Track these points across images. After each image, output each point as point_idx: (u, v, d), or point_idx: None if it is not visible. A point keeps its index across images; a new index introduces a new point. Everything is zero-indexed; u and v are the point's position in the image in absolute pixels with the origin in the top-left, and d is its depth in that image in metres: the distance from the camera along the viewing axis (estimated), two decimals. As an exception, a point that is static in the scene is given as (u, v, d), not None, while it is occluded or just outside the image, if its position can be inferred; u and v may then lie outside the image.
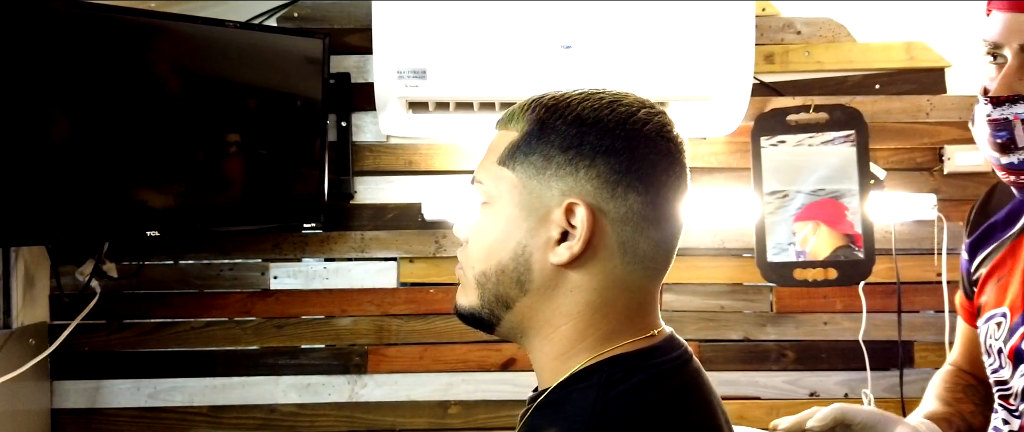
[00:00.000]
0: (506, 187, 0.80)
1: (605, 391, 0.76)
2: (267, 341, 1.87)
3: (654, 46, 1.64)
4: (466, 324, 0.86)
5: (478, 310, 0.83)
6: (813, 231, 1.80)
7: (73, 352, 1.81)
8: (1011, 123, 0.88)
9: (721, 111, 1.73)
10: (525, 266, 0.79)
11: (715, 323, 1.89)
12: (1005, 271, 1.03)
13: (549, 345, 0.81)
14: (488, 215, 0.81)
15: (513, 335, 0.84)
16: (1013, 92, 0.87)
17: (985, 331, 1.06)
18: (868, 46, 1.88)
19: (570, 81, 1.63)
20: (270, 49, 1.69)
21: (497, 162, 0.81)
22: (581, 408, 0.75)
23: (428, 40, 1.63)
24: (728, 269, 1.89)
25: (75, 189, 1.49)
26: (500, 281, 0.80)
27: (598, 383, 0.77)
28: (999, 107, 0.88)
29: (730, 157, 1.88)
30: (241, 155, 1.67)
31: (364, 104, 1.82)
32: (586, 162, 0.77)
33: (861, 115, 1.81)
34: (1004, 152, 0.91)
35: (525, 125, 0.80)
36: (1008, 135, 0.89)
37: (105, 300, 1.80)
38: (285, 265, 1.87)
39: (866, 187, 1.79)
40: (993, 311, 1.03)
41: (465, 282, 0.84)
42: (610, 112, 0.78)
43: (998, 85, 0.88)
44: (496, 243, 0.80)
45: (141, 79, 1.53)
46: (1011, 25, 0.87)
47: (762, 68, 1.84)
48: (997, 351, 1.02)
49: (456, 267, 0.88)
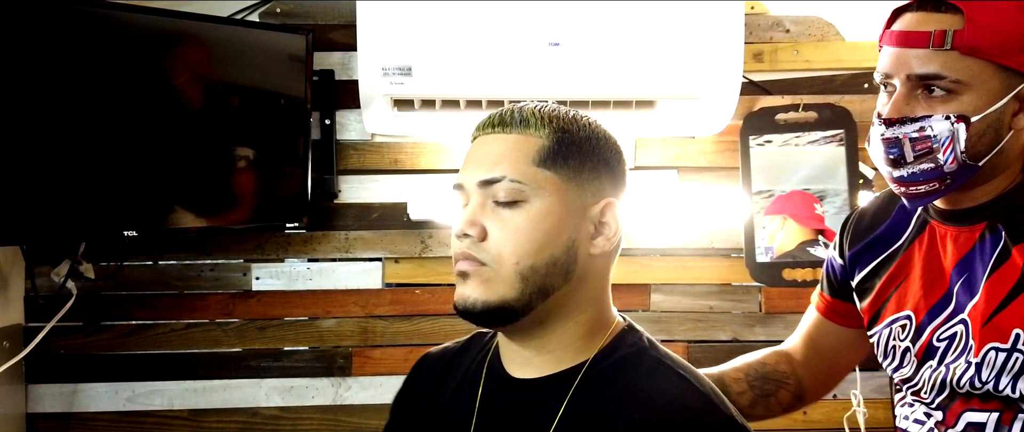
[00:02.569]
0: (551, 187, 0.90)
1: (654, 350, 0.95)
2: (249, 343, 1.83)
3: (643, 44, 1.63)
4: (478, 319, 0.90)
5: (513, 302, 0.89)
6: (780, 225, 1.80)
7: (49, 355, 1.77)
8: (900, 141, 1.02)
9: (710, 110, 1.72)
10: (573, 258, 0.91)
11: (704, 323, 1.88)
12: (902, 278, 1.16)
13: (576, 327, 0.94)
14: (533, 212, 0.89)
15: (535, 324, 0.92)
16: (902, 115, 1.02)
17: (887, 334, 1.17)
18: (857, 45, 1.87)
19: (558, 79, 1.64)
20: (252, 45, 1.66)
21: (534, 164, 0.90)
22: (658, 362, 0.93)
23: (414, 36, 1.60)
24: (717, 269, 1.87)
25: (49, 188, 1.46)
26: (549, 273, 0.89)
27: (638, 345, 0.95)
28: (891, 128, 1.03)
29: (719, 156, 1.86)
30: (222, 153, 1.64)
31: (348, 102, 1.79)
32: (604, 168, 0.94)
33: (850, 114, 1.80)
34: (896, 166, 1.05)
35: (551, 132, 0.91)
36: (899, 151, 1.03)
37: (82, 302, 1.76)
38: (268, 266, 1.83)
39: (855, 187, 1.78)
40: (895, 315, 1.16)
41: (494, 277, 0.89)
42: (601, 128, 0.96)
43: (890, 109, 1.03)
44: (548, 238, 0.89)
45: (117, 75, 1.50)
46: (898, 58, 1.03)
47: (751, 67, 1.83)
48: (902, 351, 1.15)
49: (463, 263, 0.90)
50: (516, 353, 0.96)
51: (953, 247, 1.10)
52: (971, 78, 1.00)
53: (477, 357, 1.03)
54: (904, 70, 1.02)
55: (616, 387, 0.91)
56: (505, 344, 0.98)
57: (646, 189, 1.85)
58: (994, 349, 1.04)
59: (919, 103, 1.02)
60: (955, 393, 1.09)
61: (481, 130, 0.95)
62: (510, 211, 0.89)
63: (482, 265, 0.89)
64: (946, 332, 1.10)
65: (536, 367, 0.94)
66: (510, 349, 0.97)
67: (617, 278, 1.82)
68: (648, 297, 1.87)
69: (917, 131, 1.01)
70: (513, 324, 0.91)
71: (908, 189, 1.06)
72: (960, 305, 1.09)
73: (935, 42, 1.00)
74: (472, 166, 0.93)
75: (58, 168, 1.46)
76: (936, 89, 1.01)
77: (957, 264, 1.09)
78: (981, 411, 1.07)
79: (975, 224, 1.08)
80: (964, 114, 1.00)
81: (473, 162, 0.93)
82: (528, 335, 0.93)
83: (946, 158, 1.01)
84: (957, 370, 1.08)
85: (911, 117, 1.02)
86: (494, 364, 0.99)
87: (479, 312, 0.89)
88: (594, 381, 0.92)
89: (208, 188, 1.64)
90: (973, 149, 1.01)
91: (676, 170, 1.86)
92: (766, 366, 1.30)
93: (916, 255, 1.15)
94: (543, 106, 0.94)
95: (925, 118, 1.01)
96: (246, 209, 1.69)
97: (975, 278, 1.07)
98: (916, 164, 1.03)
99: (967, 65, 0.99)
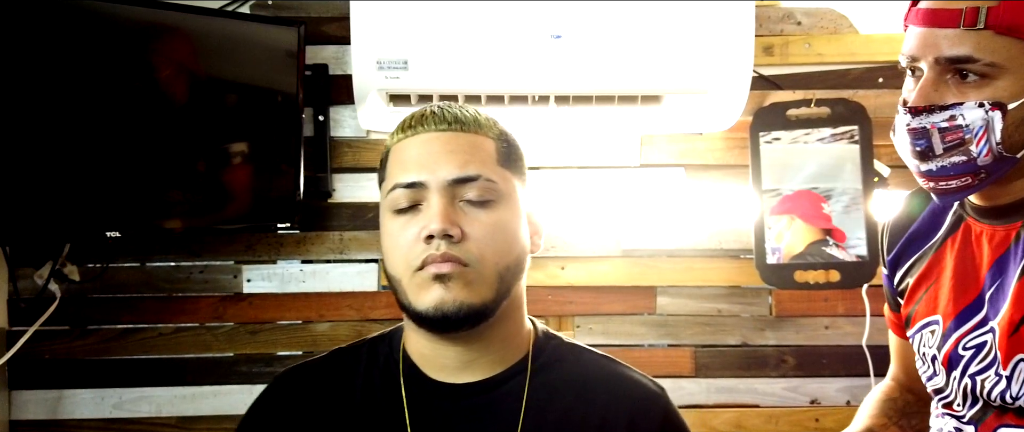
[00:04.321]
0: (512, 187, 0.93)
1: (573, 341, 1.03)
2: (240, 348, 1.77)
3: (649, 37, 1.57)
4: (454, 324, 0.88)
5: (490, 303, 0.89)
6: (788, 225, 1.73)
7: (32, 359, 1.71)
8: (928, 132, 0.94)
9: (719, 105, 1.66)
10: (524, 258, 0.94)
11: (712, 327, 1.81)
12: (933, 279, 1.08)
13: (514, 326, 0.96)
14: (502, 212, 0.91)
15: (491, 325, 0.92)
16: (929, 103, 0.93)
17: (919, 340, 1.10)
18: (871, 37, 1.80)
19: (560, 73, 1.57)
20: (242, 39, 1.61)
21: (498, 164, 0.92)
22: (585, 351, 1.02)
23: (410, 29, 1.55)
24: (725, 271, 1.81)
25: (31, 187, 1.41)
26: (515, 272, 0.92)
27: (560, 339, 1.02)
28: (917, 117, 0.94)
29: (728, 153, 1.80)
30: (210, 151, 1.58)
31: (342, 97, 1.73)
32: (525, 171, 0.98)
33: (864, 110, 1.73)
34: (923, 159, 0.96)
35: (498, 133, 0.94)
36: (926, 143, 0.95)
37: (67, 305, 1.70)
38: (259, 267, 1.77)
39: (870, 185, 1.71)
40: (926, 319, 1.08)
41: (476, 278, 0.88)
42: None
43: (916, 96, 0.94)
44: (515, 237, 0.92)
45: (100, 69, 1.44)
46: (926, 40, 0.93)
47: (761, 61, 1.76)
48: (931, 358, 1.07)
49: (444, 265, 0.87)
50: (453, 358, 0.93)
51: (989, 247, 1.02)
52: (1007, 60, 0.90)
53: (373, 373, 0.97)
54: (932, 52, 0.93)
55: (564, 377, 0.96)
56: (437, 350, 0.94)
57: (652, 188, 1.79)
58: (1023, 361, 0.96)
59: (949, 89, 0.93)
60: (988, 406, 1.01)
61: (427, 127, 0.91)
62: (484, 211, 0.89)
63: (465, 266, 0.87)
64: (973, 341, 1.02)
65: (480, 369, 0.94)
66: (445, 355, 0.93)
67: (621, 280, 1.81)
68: (654, 300, 1.81)
69: (947, 120, 0.93)
70: (478, 326, 0.90)
71: (937, 184, 0.98)
72: (991, 312, 1.00)
73: (967, 21, 0.90)
74: (433, 164, 0.89)
75: (40, 167, 1.41)
76: (968, 73, 0.92)
77: (992, 266, 1.01)
78: (1017, 427, 0.99)
79: (1012, 222, 1.00)
80: (999, 101, 0.91)
81: (433, 160, 0.89)
82: (478, 338, 0.92)
83: (980, 150, 0.93)
84: (986, 383, 1.00)
85: (940, 105, 0.93)
86: (412, 375, 0.95)
87: (461, 316, 0.87)
88: (540, 375, 0.95)
89: (196, 187, 1.58)
90: (1010, 139, 0.92)
91: (683, 168, 1.80)
92: (896, 403, 1.23)
93: (948, 254, 1.07)
94: (478, 108, 0.96)
95: (956, 106, 0.92)
96: (236, 209, 1.64)
97: (1007, 282, 0.99)
98: (946, 157, 0.95)
99: (1003, 46, 0.90)
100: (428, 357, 0.95)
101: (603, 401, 0.96)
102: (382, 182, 0.96)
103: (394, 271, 0.91)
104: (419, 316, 0.89)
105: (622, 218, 1.80)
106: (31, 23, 1.36)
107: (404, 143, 0.93)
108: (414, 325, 0.93)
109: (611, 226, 1.80)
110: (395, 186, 0.90)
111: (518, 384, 0.94)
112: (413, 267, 0.88)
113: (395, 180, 0.91)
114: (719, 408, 1.80)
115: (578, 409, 0.95)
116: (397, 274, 0.91)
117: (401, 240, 0.89)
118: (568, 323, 1.81)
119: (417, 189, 0.90)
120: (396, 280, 0.91)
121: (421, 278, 0.88)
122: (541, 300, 1.79)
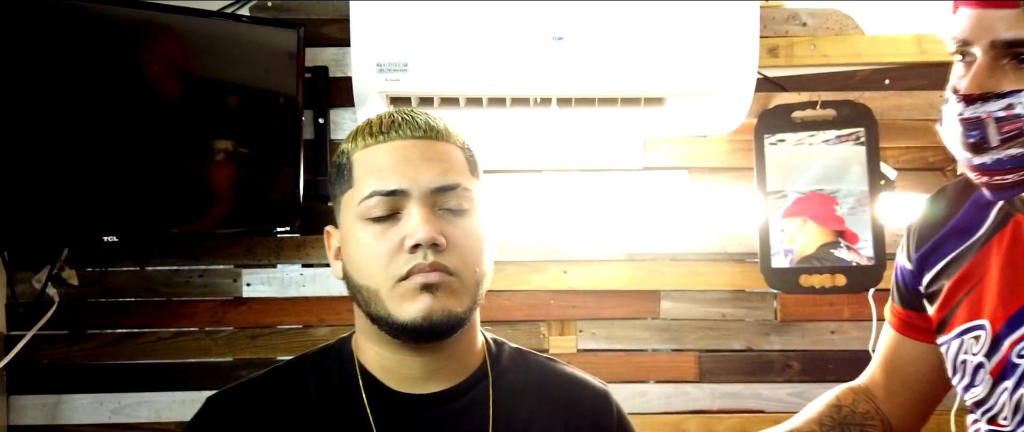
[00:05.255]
0: (479, 195, 0.92)
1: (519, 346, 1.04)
2: (240, 353, 1.75)
3: (652, 38, 1.54)
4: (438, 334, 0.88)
5: (469, 312, 0.90)
6: (800, 228, 1.71)
7: (30, 364, 1.70)
8: (983, 122, 0.87)
9: (723, 107, 1.63)
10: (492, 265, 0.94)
11: (716, 332, 1.79)
12: (975, 281, 1.01)
13: (475, 332, 0.97)
14: (475, 221, 0.90)
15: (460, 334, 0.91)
16: (984, 90, 0.87)
17: (957, 346, 1.02)
18: (877, 39, 1.78)
19: (562, 75, 1.55)
20: (241, 41, 1.59)
21: (469, 173, 0.92)
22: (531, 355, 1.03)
23: (410, 31, 1.53)
24: (730, 275, 1.79)
25: (28, 190, 1.39)
26: (485, 281, 0.92)
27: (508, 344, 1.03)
28: (971, 106, 0.87)
29: (732, 156, 1.78)
30: (209, 154, 1.57)
31: (342, 99, 1.71)
32: None
33: (870, 112, 1.71)
34: (977, 152, 0.89)
35: (462, 143, 0.94)
36: (981, 134, 0.88)
37: (66, 309, 1.69)
38: (259, 271, 1.76)
39: (876, 188, 1.69)
40: (968, 324, 1.01)
41: (460, 287, 0.88)
42: None
43: (969, 83, 0.88)
44: (485, 246, 0.92)
45: (99, 72, 1.43)
46: (980, 21, 0.87)
47: (765, 62, 1.74)
48: (974, 367, 1.00)
49: (433, 275, 0.86)
50: (419, 369, 0.92)
51: None
52: None
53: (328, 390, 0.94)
54: (988, 35, 0.86)
55: (523, 382, 0.97)
56: (403, 361, 0.91)
57: (655, 191, 1.77)
58: None
59: (1006, 75, 0.86)
60: None
61: (400, 134, 0.89)
62: (461, 220, 0.89)
63: (450, 275, 0.87)
64: None
65: (444, 379, 0.93)
66: (410, 366, 0.91)
67: (625, 284, 1.78)
68: (657, 304, 1.79)
69: (1004, 109, 0.85)
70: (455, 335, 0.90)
71: (992, 178, 0.90)
72: None
73: None
74: (413, 172, 0.87)
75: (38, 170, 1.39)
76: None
77: None
78: None
79: None
80: None
81: (412, 168, 0.87)
82: (445, 346, 0.91)
83: None
84: None
85: (996, 92, 0.86)
86: (373, 388, 0.92)
87: (448, 325, 0.87)
88: (500, 381, 0.96)
89: (194, 190, 1.56)
90: None
91: (687, 171, 1.78)
92: (842, 410, 1.16)
93: (994, 254, 0.99)
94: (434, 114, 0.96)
95: (1014, 93, 0.85)
96: (236, 212, 1.62)
97: None
98: (1003, 149, 0.87)
99: None
100: (391, 369, 0.93)
101: (564, 403, 0.98)
102: (343, 189, 0.92)
103: (368, 282, 0.88)
104: (401, 327, 0.86)
105: (625, 222, 1.78)
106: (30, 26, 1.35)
107: (374, 149, 0.90)
108: (387, 336, 0.90)
109: (614, 230, 1.78)
110: (372, 193, 0.87)
111: (482, 391, 0.94)
112: (396, 277, 0.86)
113: (371, 187, 0.88)
114: (723, 414, 1.78)
115: (543, 412, 0.96)
116: (372, 285, 0.88)
117: (378, 249, 0.87)
118: (571, 328, 1.79)
119: (397, 197, 0.87)
120: (370, 291, 0.88)
121: (405, 288, 0.86)
122: (543, 305, 1.78)
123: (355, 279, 0.90)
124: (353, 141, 0.92)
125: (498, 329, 1.78)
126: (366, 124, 0.92)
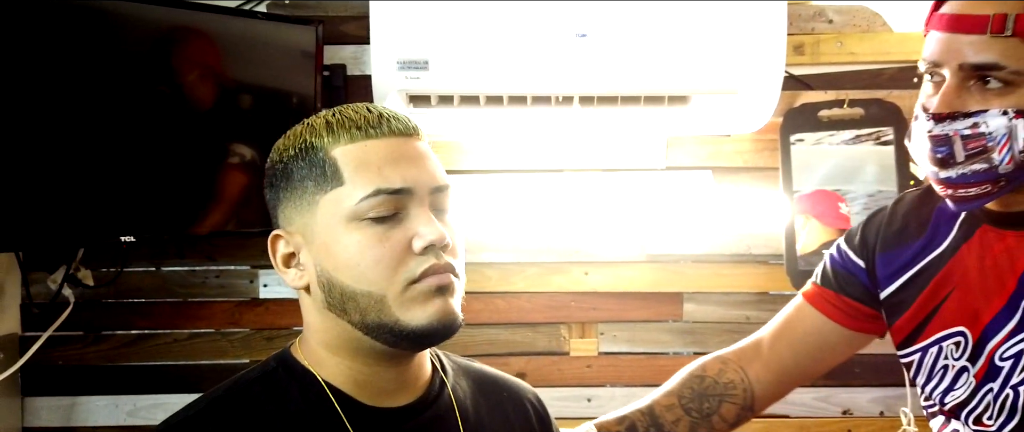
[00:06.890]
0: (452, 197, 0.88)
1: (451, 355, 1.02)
2: (257, 354, 1.73)
3: (677, 35, 1.52)
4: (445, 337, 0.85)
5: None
6: (803, 225, 1.69)
7: (46, 366, 1.69)
8: (950, 139, 0.94)
9: (748, 106, 1.60)
10: None
11: (740, 335, 1.72)
12: (950, 289, 1.06)
13: None
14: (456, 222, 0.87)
15: None
16: (952, 110, 0.93)
17: (935, 353, 1.07)
18: (905, 36, 1.74)
19: (585, 73, 1.52)
20: (258, 39, 1.57)
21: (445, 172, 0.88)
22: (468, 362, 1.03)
23: (430, 28, 1.51)
24: (754, 277, 1.75)
25: (44, 191, 1.37)
26: None
27: (444, 353, 1.00)
28: (940, 124, 0.94)
29: (757, 156, 1.74)
30: (225, 153, 1.55)
31: (360, 98, 1.69)
32: None
33: (899, 111, 1.68)
34: (943, 166, 0.96)
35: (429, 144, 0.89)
36: (948, 150, 0.95)
37: (81, 310, 1.68)
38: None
39: (905, 188, 1.65)
40: (947, 331, 1.06)
41: (461, 288, 0.86)
42: None
43: (938, 103, 0.94)
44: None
45: (116, 70, 1.41)
46: (949, 45, 0.93)
47: (791, 60, 1.70)
48: (957, 371, 1.05)
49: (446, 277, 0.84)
50: (392, 381, 0.87)
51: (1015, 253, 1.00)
52: None
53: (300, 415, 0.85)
54: (956, 59, 0.93)
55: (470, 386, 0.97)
56: (378, 374, 0.86)
57: (678, 191, 1.74)
58: None
59: (972, 96, 0.93)
60: None
61: (387, 132, 0.83)
62: (450, 220, 0.86)
63: (456, 277, 0.85)
64: (1011, 349, 0.99)
65: (410, 390, 0.90)
66: (384, 379, 0.86)
67: (647, 286, 1.75)
68: (680, 306, 1.76)
69: (970, 128, 0.93)
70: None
71: (956, 191, 0.98)
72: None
73: (994, 27, 0.90)
74: (414, 170, 0.83)
75: (54, 170, 1.37)
76: (992, 80, 0.92)
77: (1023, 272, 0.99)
78: None
79: None
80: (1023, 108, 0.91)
81: (412, 166, 0.83)
82: (416, 357, 0.90)
83: (1002, 158, 0.93)
84: None
85: (963, 112, 0.93)
86: (347, 406, 0.85)
87: (454, 329, 0.84)
88: (455, 387, 0.95)
89: (211, 190, 1.54)
90: None
91: (711, 170, 1.75)
92: (705, 380, 1.22)
93: (966, 262, 1.05)
94: None
95: (979, 113, 0.92)
96: (253, 212, 1.60)
97: None
98: (967, 164, 0.94)
99: None
100: (363, 383, 0.86)
101: (508, 401, 1.00)
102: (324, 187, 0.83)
103: (371, 287, 0.81)
104: (409, 333, 0.81)
105: (647, 222, 1.75)
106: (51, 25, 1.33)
107: (366, 146, 0.83)
108: (373, 347, 0.84)
109: (636, 230, 1.75)
110: (377, 191, 0.81)
111: (445, 399, 0.92)
112: (407, 280, 0.81)
113: (374, 186, 0.81)
114: (748, 418, 1.75)
115: (497, 412, 0.97)
116: (376, 290, 0.81)
117: (382, 251, 0.81)
118: (592, 330, 1.76)
119: (401, 196, 0.82)
120: (371, 297, 0.81)
121: (418, 291, 0.81)
122: (564, 307, 1.75)
123: (348, 286, 0.82)
124: (329, 136, 0.83)
125: (518, 332, 1.77)
126: (339, 119, 0.84)
